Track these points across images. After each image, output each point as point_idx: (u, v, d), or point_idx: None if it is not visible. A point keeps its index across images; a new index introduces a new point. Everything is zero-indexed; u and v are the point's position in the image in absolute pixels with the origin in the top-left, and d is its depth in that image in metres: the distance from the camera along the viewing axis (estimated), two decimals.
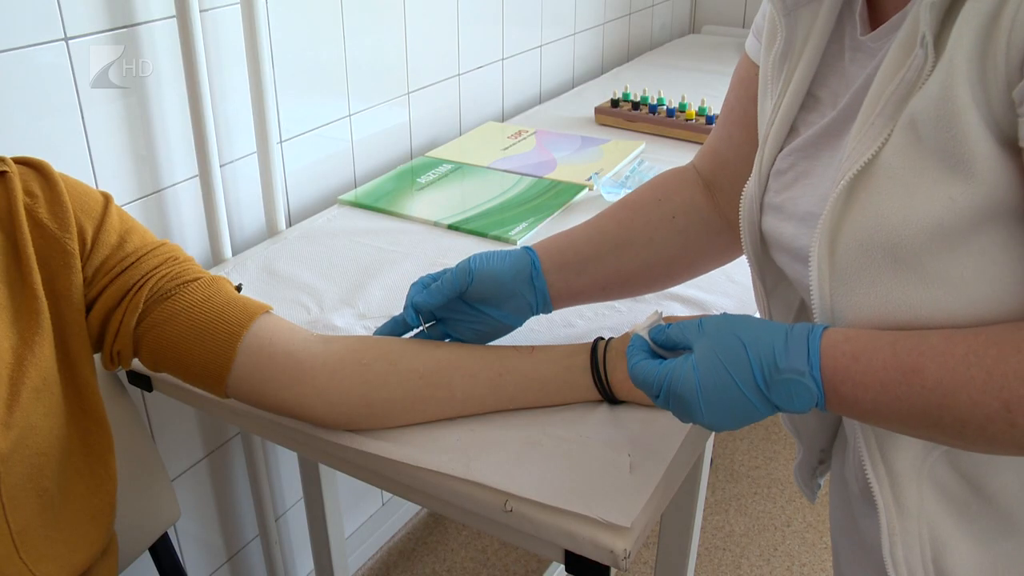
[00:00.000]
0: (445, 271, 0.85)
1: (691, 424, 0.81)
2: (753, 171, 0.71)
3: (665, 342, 0.67)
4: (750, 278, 1.08)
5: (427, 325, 0.86)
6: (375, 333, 0.89)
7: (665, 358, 0.67)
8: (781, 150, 0.69)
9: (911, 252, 0.54)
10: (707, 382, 0.61)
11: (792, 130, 0.68)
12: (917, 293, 0.55)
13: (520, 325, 0.87)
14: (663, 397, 0.64)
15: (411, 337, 0.87)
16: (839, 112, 0.63)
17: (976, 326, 0.54)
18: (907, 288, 0.56)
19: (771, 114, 0.69)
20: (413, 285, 0.86)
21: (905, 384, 0.55)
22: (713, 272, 1.09)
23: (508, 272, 0.83)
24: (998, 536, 0.62)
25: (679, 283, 0.93)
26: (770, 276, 0.75)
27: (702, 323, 0.64)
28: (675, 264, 0.88)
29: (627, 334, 0.84)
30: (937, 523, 0.62)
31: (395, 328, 0.87)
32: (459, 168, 1.48)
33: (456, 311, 0.85)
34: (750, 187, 0.72)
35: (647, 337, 0.69)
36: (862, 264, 0.57)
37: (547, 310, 0.87)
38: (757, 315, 0.76)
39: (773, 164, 0.69)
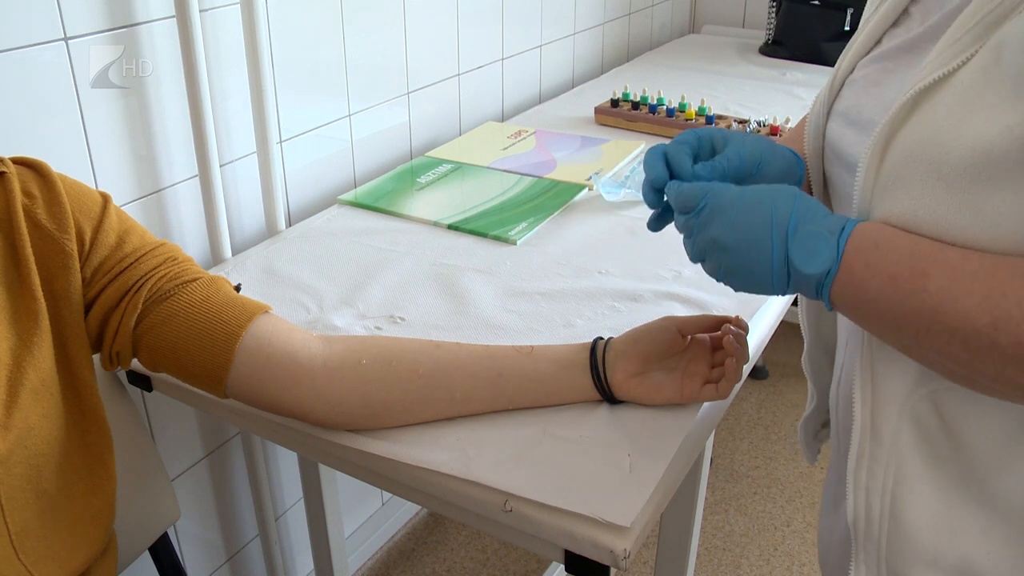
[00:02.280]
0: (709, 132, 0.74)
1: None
2: (829, 77, 0.72)
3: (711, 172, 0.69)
4: None
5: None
6: (646, 159, 0.72)
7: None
8: (862, 59, 0.69)
9: (955, 173, 0.54)
10: (748, 200, 0.62)
11: (877, 43, 0.69)
12: (949, 216, 0.55)
13: None
14: (702, 204, 0.65)
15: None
16: (925, 30, 0.63)
17: None
18: (941, 208, 0.56)
19: (864, 22, 0.70)
20: (682, 141, 0.72)
21: (909, 282, 0.55)
22: None
23: (786, 181, 0.77)
24: (959, 487, 0.62)
25: None
26: (824, 191, 0.75)
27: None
28: None
29: (626, 333, 0.84)
30: (906, 459, 0.63)
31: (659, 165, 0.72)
32: (459, 168, 1.48)
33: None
34: (822, 93, 0.72)
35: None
36: (905, 176, 0.57)
37: None
38: None
39: (852, 72, 0.69)
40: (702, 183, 0.66)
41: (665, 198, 0.72)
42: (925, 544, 0.63)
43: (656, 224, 0.76)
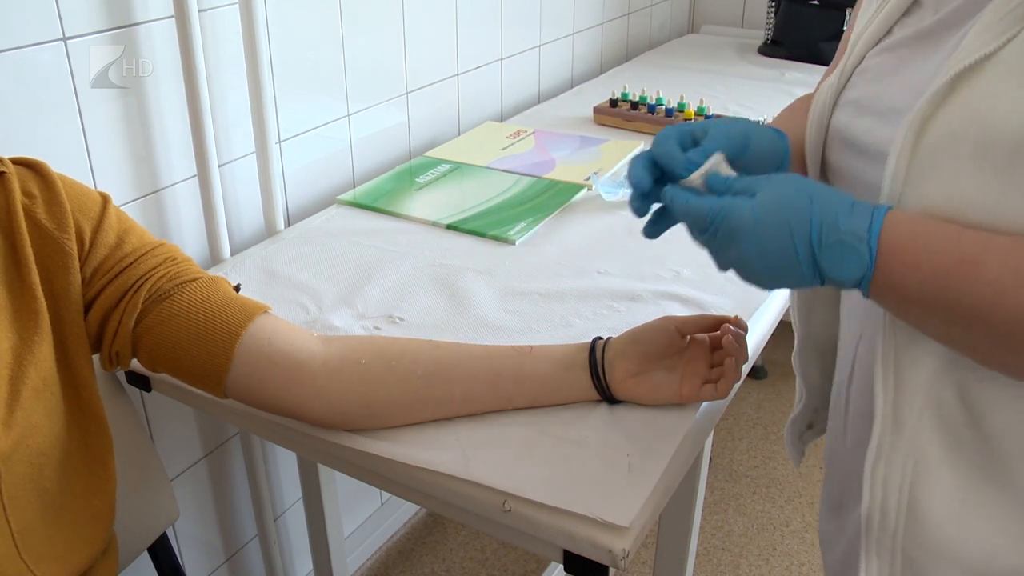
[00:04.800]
0: (691, 126, 0.72)
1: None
2: (837, 67, 0.71)
3: (725, 191, 0.64)
4: None
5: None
6: (630, 168, 0.70)
7: None
8: (872, 49, 0.68)
9: (1004, 153, 0.53)
10: (764, 219, 0.59)
11: (887, 33, 0.68)
12: (995, 198, 0.54)
13: None
14: (713, 227, 0.62)
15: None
16: (942, 16, 0.63)
17: None
18: (987, 191, 0.54)
19: (872, 15, 0.69)
20: (666, 136, 0.70)
21: (960, 274, 0.54)
22: (713, 273, 1.10)
23: (773, 156, 0.74)
24: (982, 478, 0.61)
25: None
26: (821, 177, 0.74)
27: (771, 176, 0.63)
28: None
29: (625, 333, 0.84)
30: (927, 449, 0.62)
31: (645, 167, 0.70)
32: (458, 168, 1.48)
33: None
34: (830, 82, 0.71)
35: (701, 183, 0.65)
36: (944, 159, 0.56)
37: None
38: None
39: (861, 62, 0.69)
40: (711, 200, 0.62)
41: (653, 206, 0.70)
42: (945, 536, 0.62)
43: (652, 230, 0.73)
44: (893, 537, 0.64)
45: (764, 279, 0.62)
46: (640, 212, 0.70)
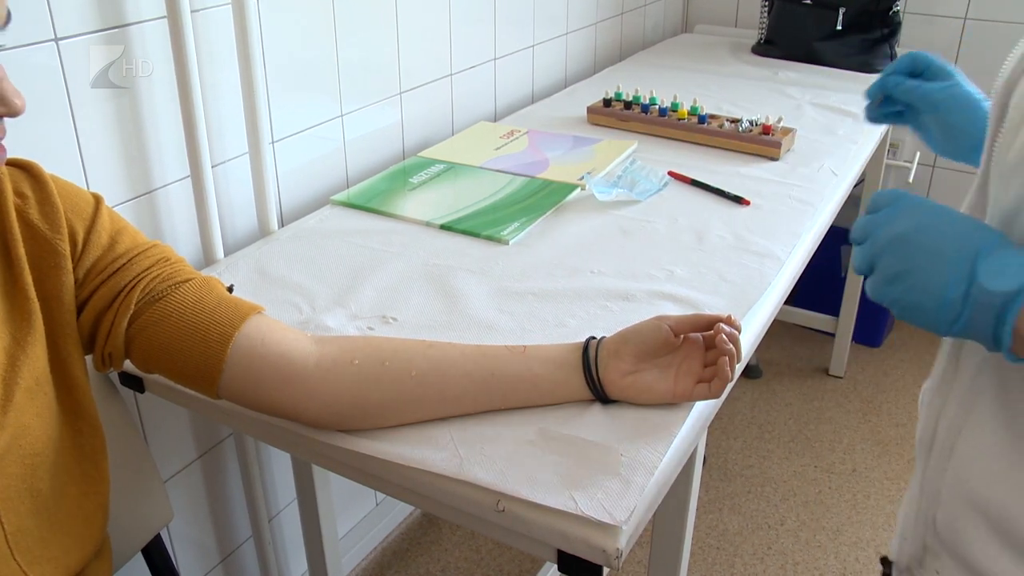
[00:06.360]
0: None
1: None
2: None
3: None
4: (743, 278, 1.08)
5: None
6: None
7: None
8: None
9: None
10: (946, 211, 0.58)
11: None
12: None
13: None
14: (893, 204, 0.60)
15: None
16: None
17: None
18: None
19: None
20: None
21: None
22: (707, 272, 1.10)
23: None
24: (1019, 448, 0.62)
25: None
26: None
27: None
28: None
29: (618, 333, 0.84)
30: (979, 398, 0.64)
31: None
32: (451, 168, 1.48)
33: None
34: None
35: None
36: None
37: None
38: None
39: None
40: (899, 190, 0.61)
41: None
42: (973, 489, 0.64)
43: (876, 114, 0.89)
44: (935, 471, 0.67)
45: (906, 270, 0.58)
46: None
